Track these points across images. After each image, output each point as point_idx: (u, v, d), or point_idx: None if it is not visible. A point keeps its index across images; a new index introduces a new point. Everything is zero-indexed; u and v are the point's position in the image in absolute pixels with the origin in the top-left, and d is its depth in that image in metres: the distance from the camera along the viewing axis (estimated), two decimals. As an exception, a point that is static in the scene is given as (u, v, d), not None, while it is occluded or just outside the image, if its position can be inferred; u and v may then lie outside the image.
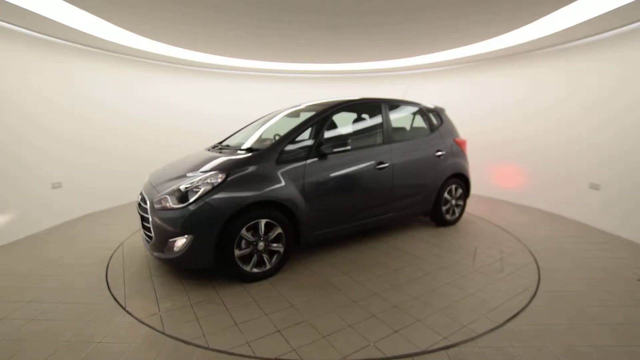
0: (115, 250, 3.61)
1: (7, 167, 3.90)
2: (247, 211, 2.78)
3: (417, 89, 4.87)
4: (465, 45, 5.20)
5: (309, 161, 3.13)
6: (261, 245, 2.86)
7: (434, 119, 4.36)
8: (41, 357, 1.95)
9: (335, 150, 3.25)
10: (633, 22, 3.84)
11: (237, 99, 7.20)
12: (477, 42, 5.01)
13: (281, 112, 4.07)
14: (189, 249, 2.63)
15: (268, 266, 2.94)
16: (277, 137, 3.41)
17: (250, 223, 2.78)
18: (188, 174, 2.92)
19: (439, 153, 4.12)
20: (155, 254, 2.78)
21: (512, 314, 2.40)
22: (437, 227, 4.34)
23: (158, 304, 2.55)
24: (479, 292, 2.71)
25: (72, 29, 4.11)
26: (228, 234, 2.70)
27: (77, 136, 4.87)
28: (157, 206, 2.75)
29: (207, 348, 2.05)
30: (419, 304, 2.54)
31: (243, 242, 2.78)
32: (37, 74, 4.31)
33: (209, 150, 3.61)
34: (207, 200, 2.64)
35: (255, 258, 2.86)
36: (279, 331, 2.23)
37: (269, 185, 2.88)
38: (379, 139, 3.72)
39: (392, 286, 2.82)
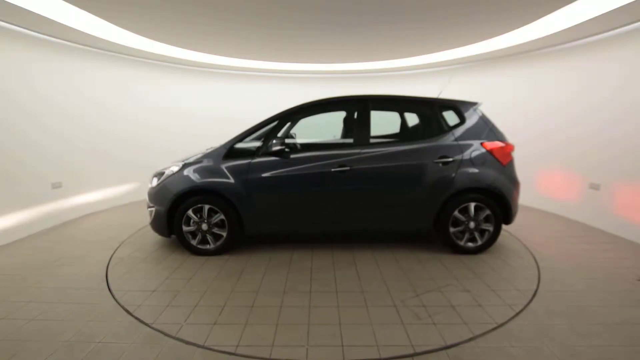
0: (116, 250, 3.61)
1: (7, 167, 3.90)
2: (193, 196, 3.35)
3: (417, 89, 4.84)
4: (466, 45, 5.20)
5: (255, 159, 3.38)
6: (205, 226, 3.39)
7: (451, 117, 3.58)
8: (41, 357, 1.96)
9: (274, 149, 3.31)
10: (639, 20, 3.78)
11: (237, 99, 7.19)
12: (477, 42, 5.01)
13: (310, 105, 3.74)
14: (154, 218, 3.49)
15: (211, 246, 3.44)
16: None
17: (196, 206, 3.35)
18: (175, 164, 3.58)
19: (445, 160, 3.34)
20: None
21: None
22: (452, 255, 3.45)
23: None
24: (333, 325, 2.29)
25: (72, 29, 4.12)
26: (180, 212, 3.35)
27: (77, 136, 4.87)
28: (149, 185, 3.64)
29: (207, 348, 2.05)
30: (269, 311, 2.44)
31: (191, 221, 3.38)
32: (37, 73, 4.31)
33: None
34: (164, 183, 3.43)
35: (199, 236, 3.43)
36: (154, 291, 2.75)
37: (210, 177, 3.35)
38: (349, 140, 3.52)
39: (283, 291, 2.74)
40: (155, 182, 3.55)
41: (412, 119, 4.02)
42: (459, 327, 2.26)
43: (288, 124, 3.87)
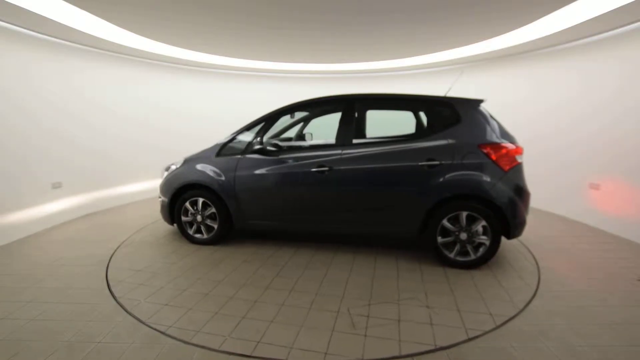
0: (116, 250, 3.61)
1: (7, 167, 3.90)
2: (190, 189, 3.67)
3: (417, 89, 4.83)
4: (466, 45, 5.20)
5: (244, 156, 3.57)
6: (199, 217, 3.71)
7: (447, 116, 3.23)
8: (41, 357, 1.96)
9: (256, 148, 3.51)
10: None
11: (237, 99, 7.19)
12: (477, 42, 5.01)
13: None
14: (161, 207, 3.92)
15: (204, 236, 3.74)
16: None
17: (192, 199, 3.68)
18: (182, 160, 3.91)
19: (432, 163, 3.05)
20: None
21: (508, 317, 2.39)
22: (440, 267, 3.13)
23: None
24: (264, 322, 2.32)
25: (72, 29, 4.11)
26: (179, 204, 3.71)
27: (77, 136, 4.87)
28: (161, 178, 4.02)
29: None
30: (217, 300, 2.59)
31: (188, 212, 3.73)
32: (37, 74, 4.31)
33: None
34: (168, 177, 3.83)
35: (194, 227, 3.76)
36: (139, 271, 3.10)
37: (204, 173, 3.62)
38: (332, 141, 3.40)
39: (242, 284, 2.85)
40: (165, 175, 3.95)
41: (408, 119, 3.93)
42: (389, 343, 2.09)
43: (301, 124, 4.16)
